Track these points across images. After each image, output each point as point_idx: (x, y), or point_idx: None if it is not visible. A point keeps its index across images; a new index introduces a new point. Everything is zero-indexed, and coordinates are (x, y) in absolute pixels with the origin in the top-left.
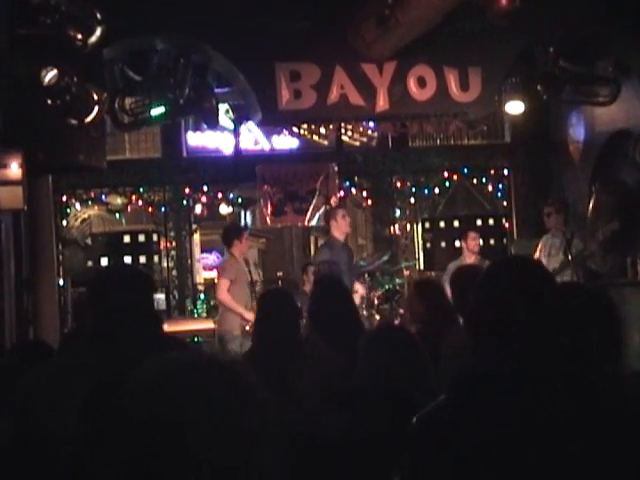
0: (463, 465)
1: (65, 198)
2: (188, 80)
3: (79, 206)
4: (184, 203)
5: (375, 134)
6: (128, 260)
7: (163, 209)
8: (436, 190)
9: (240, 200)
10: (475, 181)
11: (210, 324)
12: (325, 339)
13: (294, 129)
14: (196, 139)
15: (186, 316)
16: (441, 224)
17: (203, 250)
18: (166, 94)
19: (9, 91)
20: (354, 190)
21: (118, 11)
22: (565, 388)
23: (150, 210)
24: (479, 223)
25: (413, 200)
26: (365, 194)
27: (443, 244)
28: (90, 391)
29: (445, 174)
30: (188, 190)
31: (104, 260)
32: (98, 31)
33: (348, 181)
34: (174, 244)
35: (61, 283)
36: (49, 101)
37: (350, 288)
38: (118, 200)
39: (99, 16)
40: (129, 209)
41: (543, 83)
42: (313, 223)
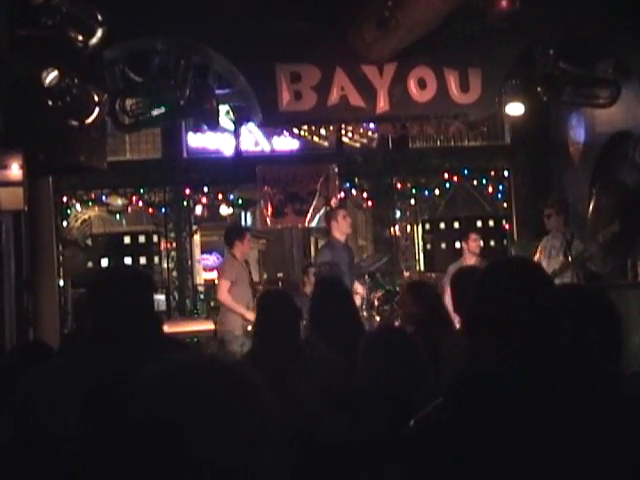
0: (462, 466)
1: (65, 199)
2: (189, 81)
3: (79, 207)
4: (184, 204)
5: (375, 135)
6: (128, 261)
7: (163, 210)
8: (436, 191)
9: (240, 201)
10: (475, 182)
11: (210, 325)
12: (326, 340)
13: (294, 130)
14: (196, 140)
15: (186, 317)
16: (441, 225)
17: (203, 251)
18: (167, 95)
19: (10, 92)
20: (354, 191)
21: (119, 12)
22: (565, 388)
23: (150, 211)
24: (479, 224)
25: (413, 201)
26: (365, 195)
27: (443, 245)
28: (90, 391)
29: (445, 175)
30: (188, 191)
31: (104, 261)
32: (99, 32)
33: (348, 182)
34: (174, 245)
35: (61, 284)
36: (50, 102)
37: (351, 288)
38: (118, 201)
39: (100, 17)
40: (129, 210)
41: (543, 85)
42: (313, 224)
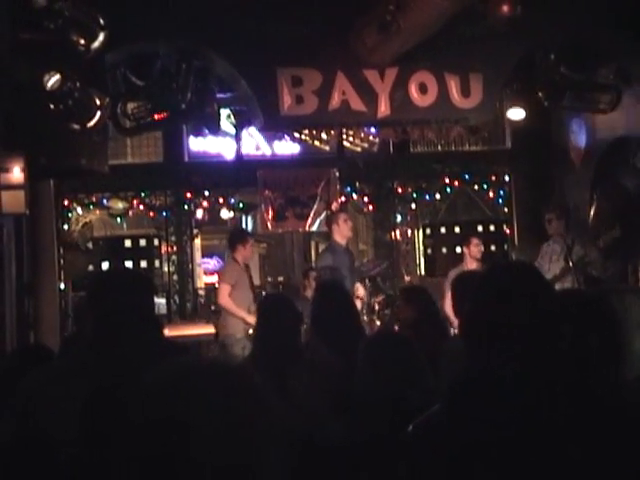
0: (461, 469)
1: (67, 202)
2: (190, 85)
3: (80, 210)
4: (185, 208)
5: (376, 140)
6: (129, 264)
7: (164, 214)
8: (437, 196)
9: (241, 205)
10: (476, 187)
11: (211, 329)
12: (326, 344)
13: (295, 134)
14: (198, 144)
15: (187, 321)
16: (442, 230)
17: (204, 255)
18: (168, 99)
19: (12, 95)
20: (355, 195)
21: (121, 16)
22: (565, 393)
23: (151, 214)
24: (480, 229)
25: (414, 206)
26: (366, 199)
27: (444, 250)
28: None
29: (446, 180)
30: (189, 195)
31: (105, 264)
32: (101, 36)
33: (349, 186)
34: (175, 249)
35: (62, 287)
36: (51, 106)
37: (352, 291)
38: (119, 204)
39: (102, 21)
40: (130, 213)
41: (544, 90)
42: (314, 228)
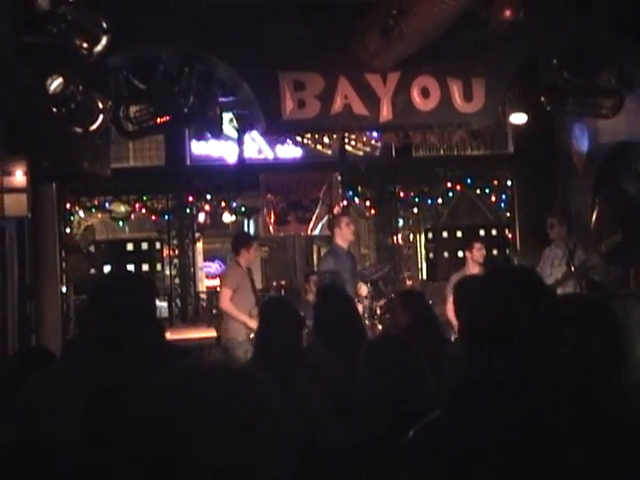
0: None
1: (69, 205)
2: (192, 89)
3: (83, 213)
4: (187, 211)
5: (379, 144)
6: (131, 268)
7: (166, 217)
8: (439, 200)
9: (243, 209)
10: (478, 191)
11: (212, 332)
12: (328, 348)
13: (298, 138)
14: (200, 148)
15: (188, 324)
16: (444, 234)
17: (206, 258)
18: (170, 103)
19: (15, 99)
20: (357, 199)
21: (123, 20)
22: (566, 397)
23: (153, 218)
24: (482, 233)
25: (416, 210)
26: (368, 204)
27: (446, 254)
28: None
29: (448, 184)
30: (191, 198)
31: (107, 267)
32: (104, 40)
33: (351, 190)
34: (177, 252)
35: (64, 290)
36: (54, 109)
37: (354, 294)
38: (121, 208)
39: (105, 25)
40: (132, 217)
41: (546, 94)
42: (316, 232)
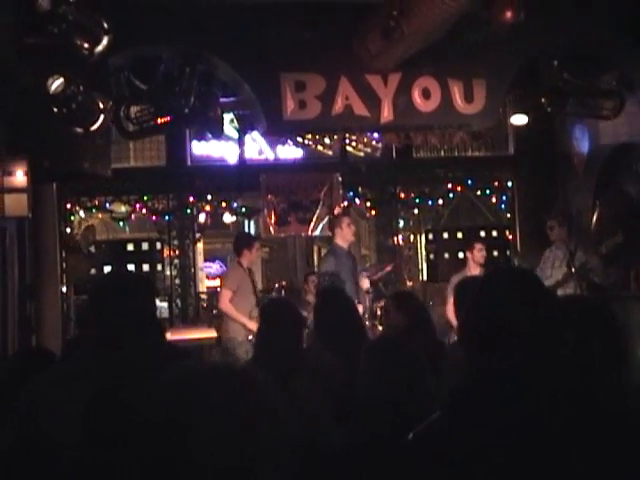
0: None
1: (69, 205)
2: (193, 89)
3: (83, 213)
4: (188, 212)
5: (379, 145)
6: (131, 268)
7: (167, 217)
8: (440, 201)
9: (244, 209)
10: (479, 193)
11: (213, 333)
12: (328, 349)
13: (298, 139)
14: (200, 148)
15: (189, 324)
16: (444, 235)
17: (206, 259)
18: (171, 103)
19: (15, 99)
20: (358, 200)
21: (124, 20)
22: (567, 399)
23: (154, 218)
24: (482, 235)
25: (417, 211)
26: (369, 204)
27: (446, 255)
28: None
29: (449, 185)
30: (192, 199)
31: (107, 268)
32: (105, 40)
33: (352, 191)
34: (177, 252)
35: (64, 290)
36: (55, 109)
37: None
38: (122, 208)
39: (106, 25)
40: (133, 217)
41: (547, 96)
42: (317, 233)
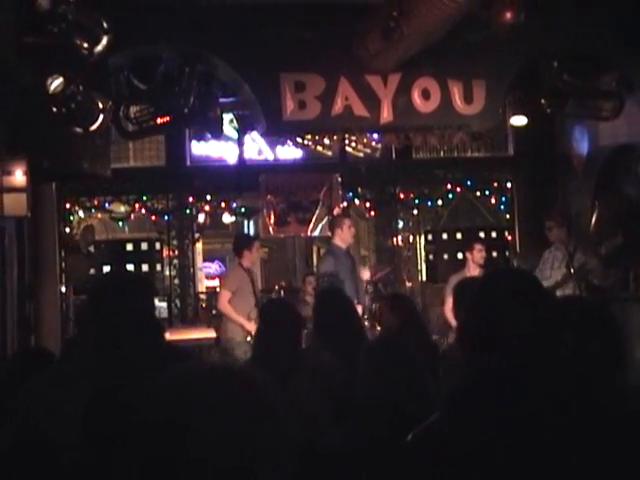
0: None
1: (69, 205)
2: (193, 89)
3: (82, 213)
4: (187, 212)
5: (379, 145)
6: (130, 268)
7: (166, 217)
8: (439, 202)
9: (243, 209)
10: (478, 193)
11: (212, 333)
12: (328, 349)
13: (298, 139)
14: (200, 148)
15: (188, 324)
16: (444, 236)
17: (205, 259)
18: (171, 103)
19: (15, 99)
20: (357, 201)
21: (124, 20)
22: (566, 400)
23: (153, 218)
24: (482, 235)
25: (416, 212)
26: (368, 205)
27: (445, 256)
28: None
29: (448, 186)
30: (191, 199)
31: (106, 268)
32: (104, 40)
33: (351, 192)
34: (177, 252)
35: (63, 290)
36: (54, 109)
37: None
38: (121, 208)
39: (105, 25)
40: (132, 217)
41: (547, 97)
42: (316, 233)
